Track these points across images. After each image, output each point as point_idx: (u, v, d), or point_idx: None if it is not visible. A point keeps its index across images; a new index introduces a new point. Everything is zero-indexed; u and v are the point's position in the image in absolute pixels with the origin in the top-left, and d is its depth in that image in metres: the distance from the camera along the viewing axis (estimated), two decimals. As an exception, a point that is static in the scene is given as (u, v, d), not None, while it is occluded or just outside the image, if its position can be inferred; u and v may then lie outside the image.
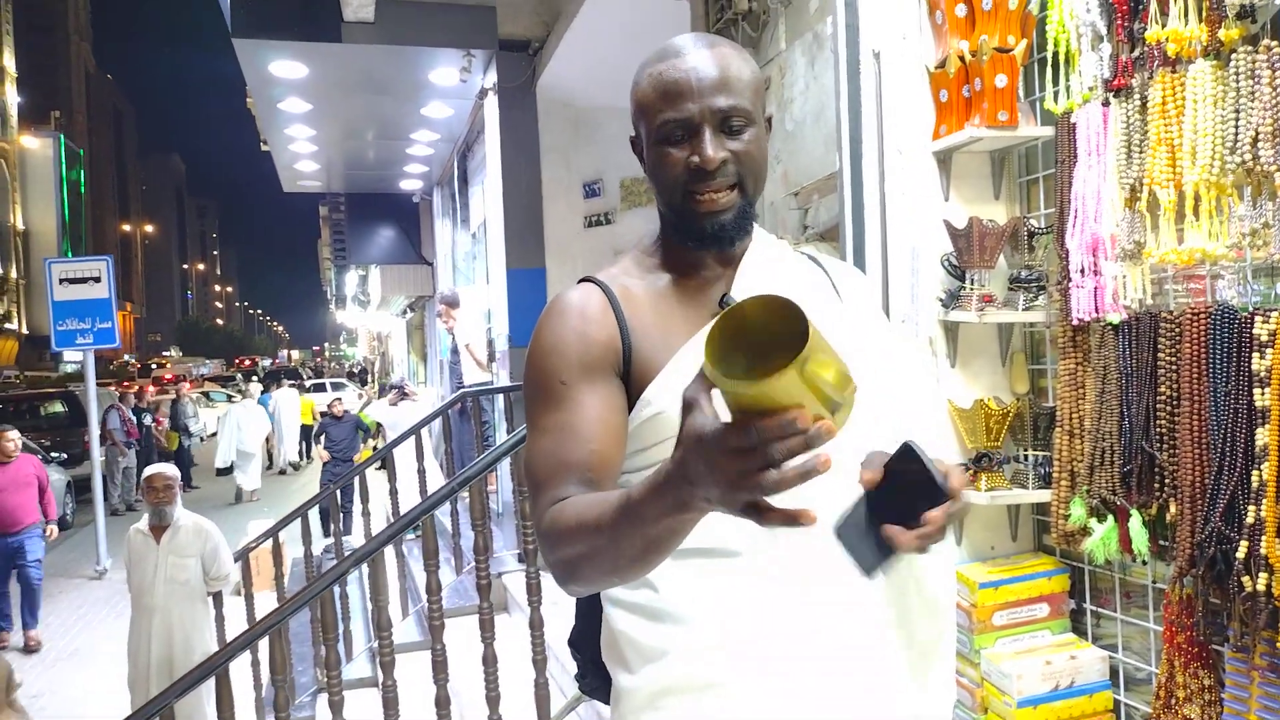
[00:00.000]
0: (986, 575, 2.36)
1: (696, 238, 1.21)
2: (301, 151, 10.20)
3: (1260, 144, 1.73)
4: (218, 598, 5.00)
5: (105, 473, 11.75)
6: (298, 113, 8.42)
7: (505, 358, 7.05)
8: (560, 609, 4.54)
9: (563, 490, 1.08)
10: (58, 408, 15.82)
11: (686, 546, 1.15)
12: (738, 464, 0.75)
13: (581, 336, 1.18)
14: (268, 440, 15.00)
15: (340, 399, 10.39)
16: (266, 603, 5.88)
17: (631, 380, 1.20)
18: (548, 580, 3.96)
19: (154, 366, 52.08)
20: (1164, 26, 1.87)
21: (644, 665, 1.19)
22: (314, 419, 15.63)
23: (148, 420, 14.60)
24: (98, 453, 9.51)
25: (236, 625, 5.33)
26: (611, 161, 7.03)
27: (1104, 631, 2.38)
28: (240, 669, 3.75)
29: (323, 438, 9.72)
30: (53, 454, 12.01)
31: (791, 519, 0.78)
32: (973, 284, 2.35)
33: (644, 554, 0.95)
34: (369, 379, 26.20)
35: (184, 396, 16.61)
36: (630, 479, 1.25)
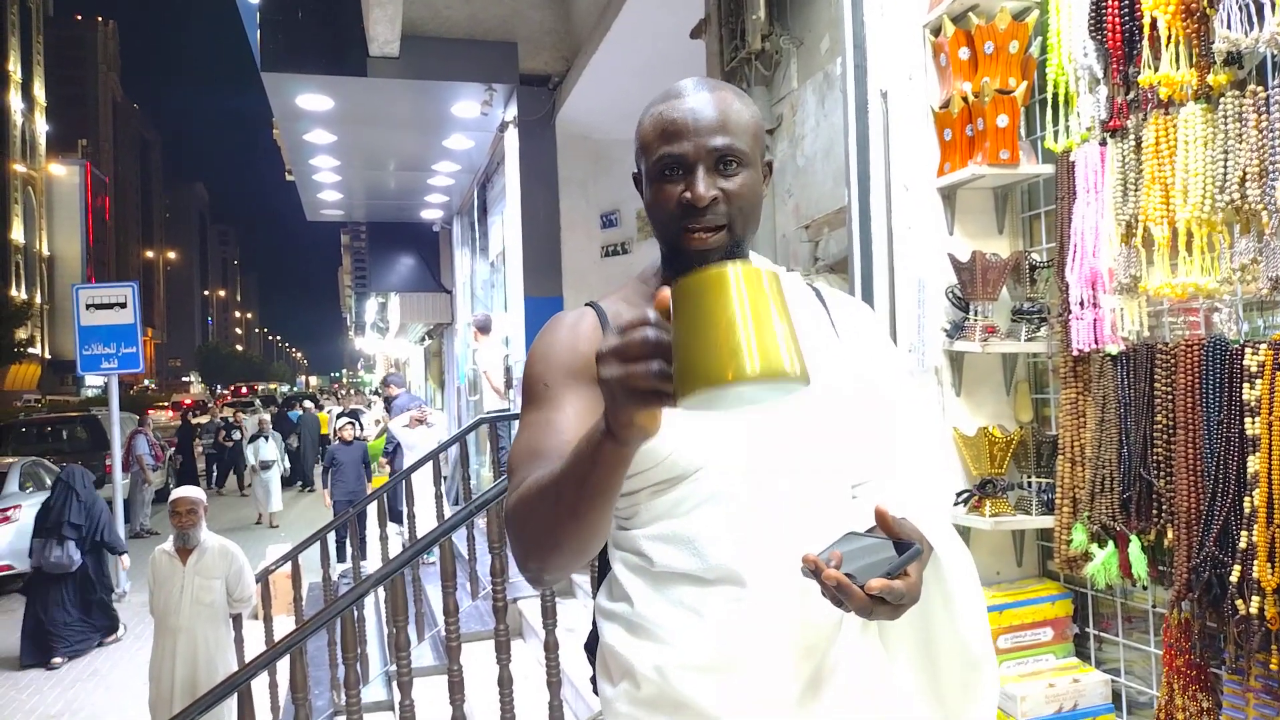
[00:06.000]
0: (991, 599, 2.42)
1: (685, 273, 1.27)
2: (325, 181, 10.41)
3: (1248, 183, 1.81)
4: (237, 620, 5.06)
5: (128, 497, 11.89)
6: (322, 144, 8.62)
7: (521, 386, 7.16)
8: (575, 635, 4.59)
9: (533, 474, 1.12)
10: (79, 431, 16.01)
11: (669, 570, 1.20)
12: (608, 365, 0.88)
13: (569, 348, 1.26)
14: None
15: (352, 423, 10.14)
16: (284, 626, 5.95)
17: None
18: (563, 605, 4.03)
19: (243, 390, 53.69)
20: (1156, 71, 1.96)
21: (622, 679, 1.24)
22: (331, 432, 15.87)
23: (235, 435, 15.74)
24: (119, 475, 9.64)
25: (254, 648, 5.41)
26: (629, 193, 7.14)
27: (1107, 655, 2.43)
28: (258, 691, 3.81)
29: (329, 472, 9.43)
30: (75, 476, 12.17)
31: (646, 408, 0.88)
32: (976, 315, 2.43)
33: (577, 497, 1.00)
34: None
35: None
36: (619, 501, 1.30)
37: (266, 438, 13.74)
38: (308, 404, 21.46)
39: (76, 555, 7.12)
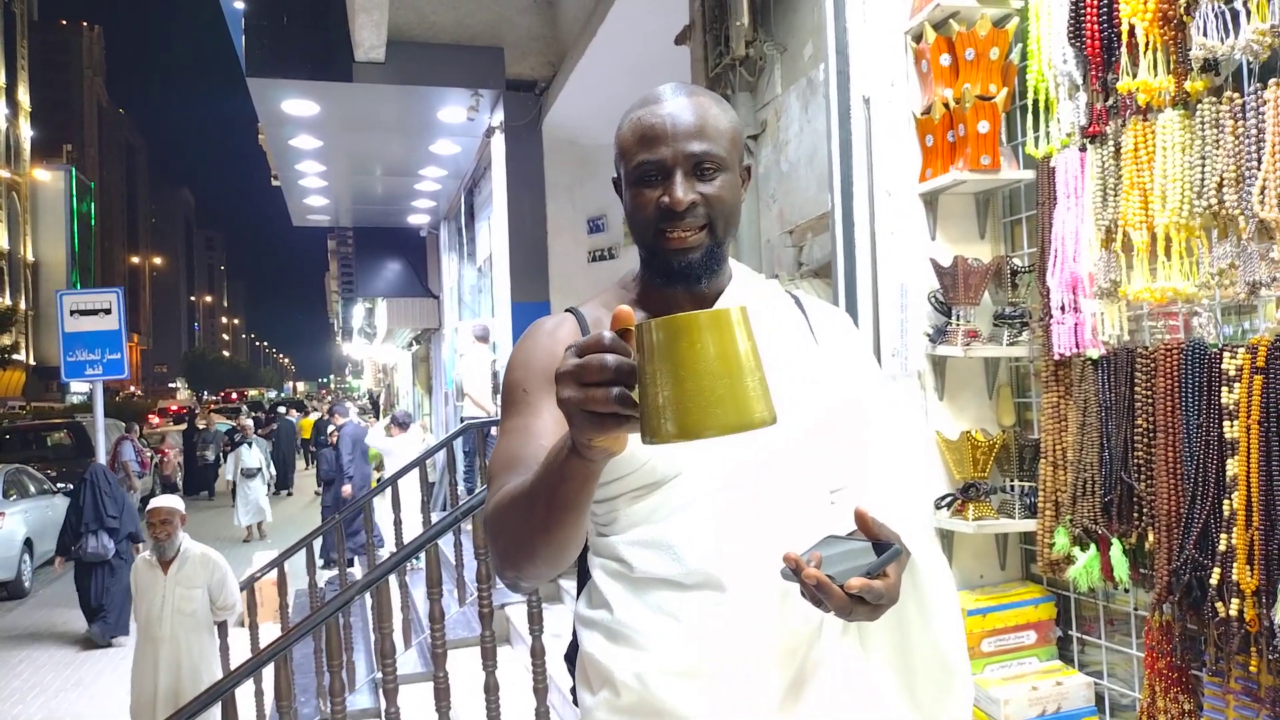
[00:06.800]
0: (975, 603, 2.43)
1: (665, 275, 1.26)
2: (311, 186, 10.38)
3: (1225, 189, 1.82)
4: (222, 628, 5.03)
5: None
6: (308, 149, 8.60)
7: (508, 391, 7.16)
8: (562, 641, 4.58)
9: (510, 481, 1.12)
10: (63, 438, 15.89)
11: (648, 576, 1.20)
12: (566, 387, 0.85)
13: (548, 353, 1.25)
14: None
15: (338, 429, 10.19)
16: (271, 633, 5.92)
17: None
18: (550, 611, 4.01)
19: (232, 395, 54.25)
20: (1135, 78, 1.97)
21: (602, 687, 1.24)
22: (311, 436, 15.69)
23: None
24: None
25: (240, 656, 5.38)
26: (615, 198, 7.11)
27: (1089, 658, 2.44)
28: (243, 699, 3.79)
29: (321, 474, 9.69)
30: (58, 484, 12.10)
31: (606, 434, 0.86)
32: (958, 320, 2.44)
33: (548, 510, 1.00)
34: (378, 411, 26.37)
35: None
36: (594, 506, 1.29)
37: (250, 444, 12.78)
38: (281, 409, 21.55)
39: (110, 545, 7.57)
